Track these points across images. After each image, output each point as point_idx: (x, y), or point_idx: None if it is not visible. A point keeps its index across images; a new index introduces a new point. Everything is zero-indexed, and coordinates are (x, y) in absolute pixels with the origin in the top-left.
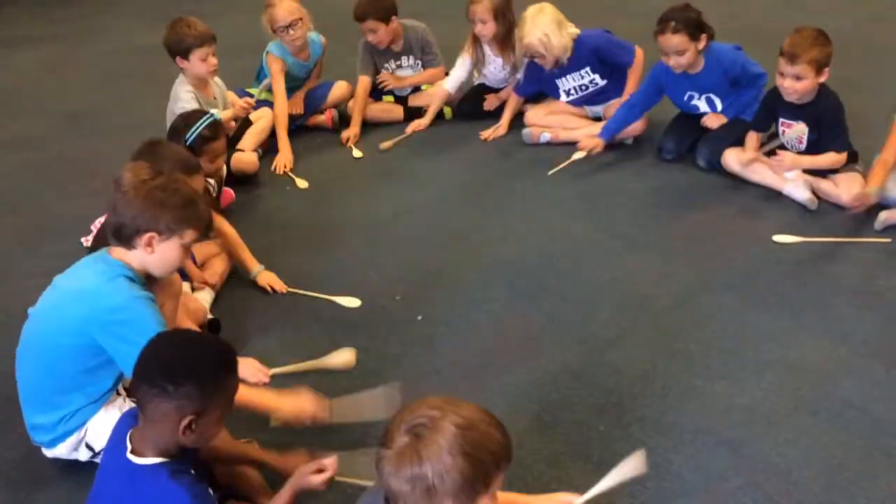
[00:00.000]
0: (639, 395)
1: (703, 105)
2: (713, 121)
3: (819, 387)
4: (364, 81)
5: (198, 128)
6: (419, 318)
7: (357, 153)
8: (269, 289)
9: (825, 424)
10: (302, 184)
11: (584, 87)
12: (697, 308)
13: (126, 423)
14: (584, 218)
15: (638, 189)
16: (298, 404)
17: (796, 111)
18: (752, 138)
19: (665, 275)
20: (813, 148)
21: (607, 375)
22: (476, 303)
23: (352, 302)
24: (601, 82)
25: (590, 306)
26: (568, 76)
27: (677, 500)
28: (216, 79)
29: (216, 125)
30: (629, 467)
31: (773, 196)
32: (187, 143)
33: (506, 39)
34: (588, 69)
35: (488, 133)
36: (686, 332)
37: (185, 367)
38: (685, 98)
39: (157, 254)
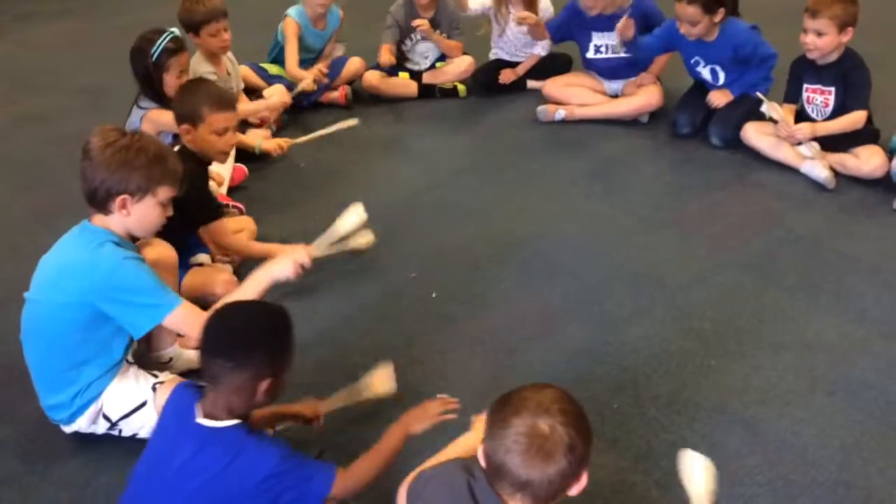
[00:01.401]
0: (654, 374)
1: (706, 73)
2: (719, 98)
3: (835, 367)
4: (386, 48)
5: (162, 42)
6: (434, 295)
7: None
8: (275, 153)
9: (841, 404)
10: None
11: (609, 50)
12: (713, 287)
13: (186, 394)
14: (598, 196)
15: (653, 167)
16: (292, 262)
17: (820, 74)
18: (787, 110)
19: (680, 253)
20: (838, 112)
21: (622, 354)
22: (490, 280)
23: (350, 122)
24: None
25: (604, 285)
26: (606, 32)
27: None
28: (229, 54)
29: (178, 39)
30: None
31: (791, 174)
32: (154, 60)
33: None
34: None
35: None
36: (701, 311)
37: (259, 336)
38: (692, 62)
39: (134, 215)
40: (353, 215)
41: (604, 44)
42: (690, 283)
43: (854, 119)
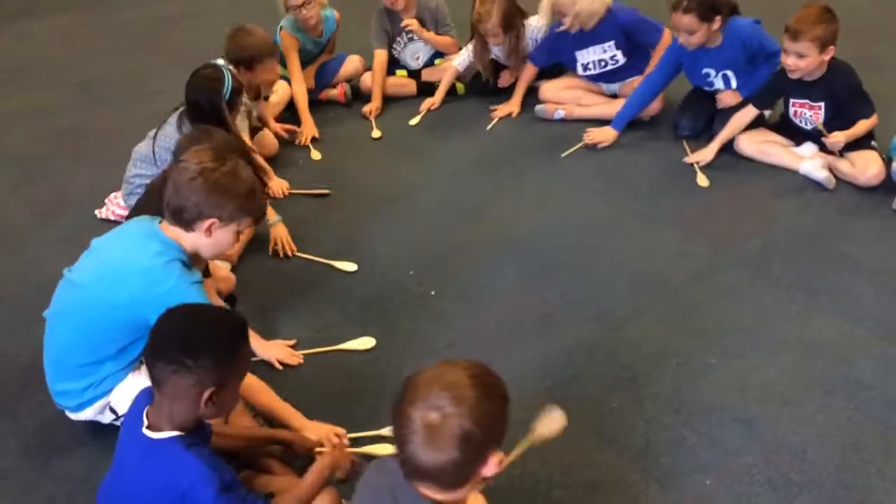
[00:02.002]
0: (653, 372)
1: (719, 82)
2: (729, 98)
3: (834, 367)
4: (381, 55)
5: (228, 83)
6: (432, 293)
7: (376, 133)
8: (277, 244)
9: (840, 404)
10: (315, 155)
11: (603, 63)
12: (713, 287)
13: (144, 399)
14: (598, 195)
15: (653, 166)
16: (323, 431)
17: (806, 89)
18: (746, 115)
19: (680, 253)
20: (831, 125)
21: (621, 352)
22: (489, 279)
23: (349, 266)
24: (621, 60)
25: (604, 284)
26: (589, 49)
27: (691, 475)
28: None
29: (235, 75)
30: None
31: (790, 174)
32: (227, 100)
33: (514, 49)
34: (612, 44)
35: (501, 112)
36: (701, 310)
37: (203, 340)
38: (702, 73)
39: (213, 238)
40: (362, 343)
41: (591, 60)
42: (689, 282)
43: (870, 124)
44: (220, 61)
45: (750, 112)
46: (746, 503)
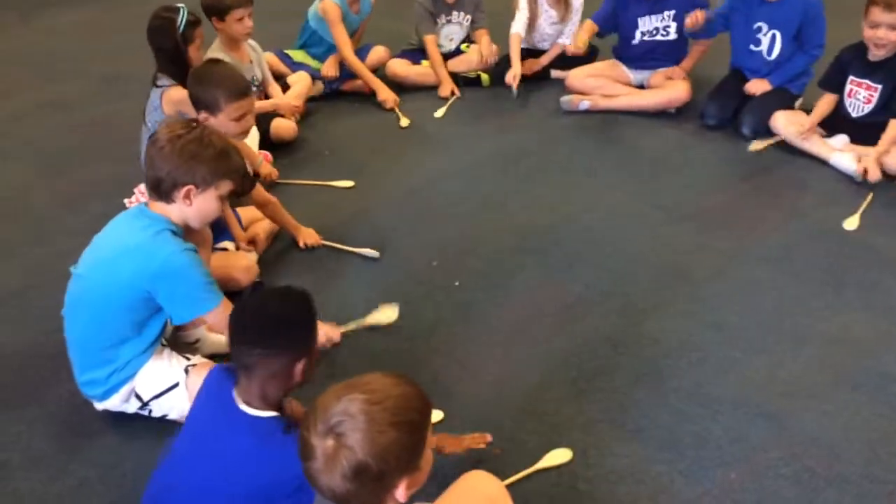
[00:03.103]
0: (676, 366)
1: (765, 42)
2: (757, 86)
3: (860, 361)
4: (431, 39)
5: (183, 17)
6: (456, 283)
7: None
8: (304, 246)
9: (866, 398)
10: (405, 122)
11: (654, 33)
12: (736, 280)
13: (222, 378)
14: (621, 187)
15: (678, 158)
16: (324, 332)
17: (870, 69)
18: (823, 103)
19: (704, 246)
20: (878, 111)
21: (644, 345)
22: (512, 271)
23: (371, 252)
24: (672, 35)
25: (627, 276)
26: (653, 16)
27: (715, 469)
28: (252, 42)
29: (191, 13)
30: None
31: (819, 166)
32: (181, 33)
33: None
34: (673, 13)
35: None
36: (725, 304)
37: (286, 322)
38: (754, 28)
39: (195, 206)
40: (386, 315)
41: (649, 28)
42: (713, 275)
43: None
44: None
45: (830, 99)
46: (772, 497)
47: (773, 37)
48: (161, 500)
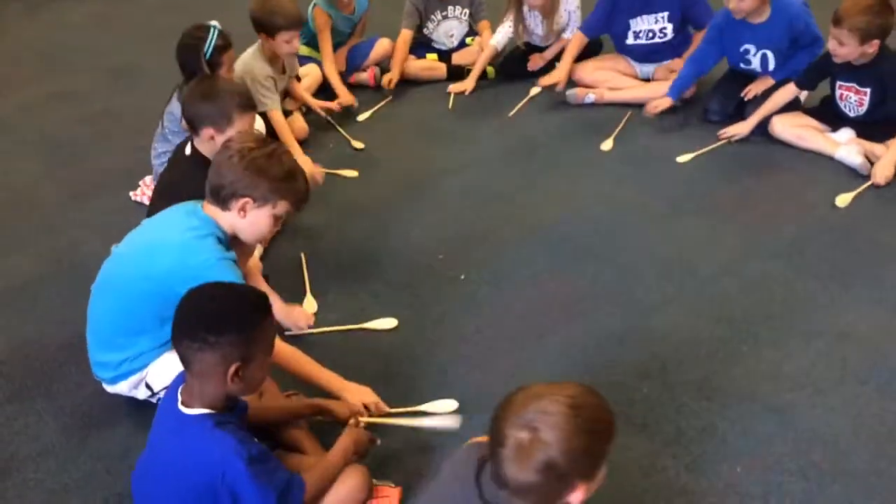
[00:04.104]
0: (684, 360)
1: (756, 62)
2: (759, 87)
3: (868, 356)
4: (406, 35)
5: (212, 39)
6: (462, 277)
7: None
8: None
9: (874, 394)
10: (358, 144)
11: (651, 35)
12: (744, 275)
13: (181, 379)
14: (628, 182)
15: (684, 151)
16: (361, 394)
17: (856, 73)
18: (788, 90)
19: (711, 241)
20: (874, 111)
21: (651, 340)
22: (519, 264)
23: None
24: (669, 35)
25: (634, 271)
26: (644, 16)
27: (721, 464)
28: None
29: (224, 35)
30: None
31: (824, 160)
32: (207, 58)
33: (552, 7)
34: (666, 14)
35: (546, 81)
36: (732, 298)
37: (224, 316)
38: (740, 51)
39: (248, 219)
40: (388, 322)
41: (642, 29)
42: (720, 270)
43: None
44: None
45: (789, 90)
46: (778, 491)
47: (764, 55)
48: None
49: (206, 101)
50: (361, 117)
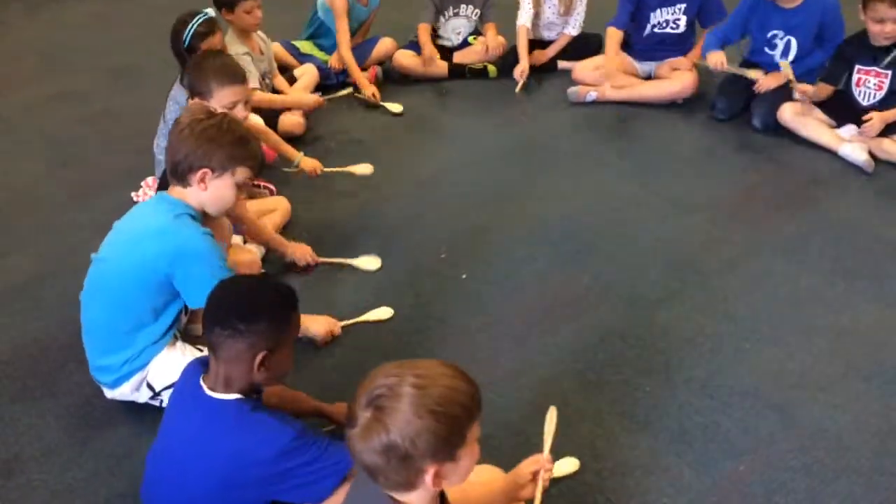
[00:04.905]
0: (686, 357)
1: (779, 48)
2: (769, 82)
3: (871, 353)
4: (426, 27)
5: (193, 25)
6: (464, 275)
7: (396, 108)
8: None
9: (877, 391)
10: (395, 108)
11: (664, 25)
12: (747, 271)
13: (195, 369)
14: (631, 178)
15: (688, 149)
16: (326, 324)
17: (878, 56)
18: (821, 89)
19: (714, 237)
20: (891, 97)
21: (654, 336)
22: (521, 261)
23: (385, 313)
24: (681, 28)
25: (637, 267)
26: (665, 8)
27: (724, 461)
28: (260, 33)
29: (211, 21)
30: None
31: (828, 157)
32: (185, 45)
33: None
34: (683, 7)
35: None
36: (735, 295)
37: (255, 306)
38: (767, 36)
39: (210, 191)
40: (384, 312)
41: (660, 20)
42: (723, 266)
43: None
44: (209, 11)
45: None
46: (781, 489)
47: (788, 42)
48: (150, 495)
49: (193, 72)
50: (396, 108)
